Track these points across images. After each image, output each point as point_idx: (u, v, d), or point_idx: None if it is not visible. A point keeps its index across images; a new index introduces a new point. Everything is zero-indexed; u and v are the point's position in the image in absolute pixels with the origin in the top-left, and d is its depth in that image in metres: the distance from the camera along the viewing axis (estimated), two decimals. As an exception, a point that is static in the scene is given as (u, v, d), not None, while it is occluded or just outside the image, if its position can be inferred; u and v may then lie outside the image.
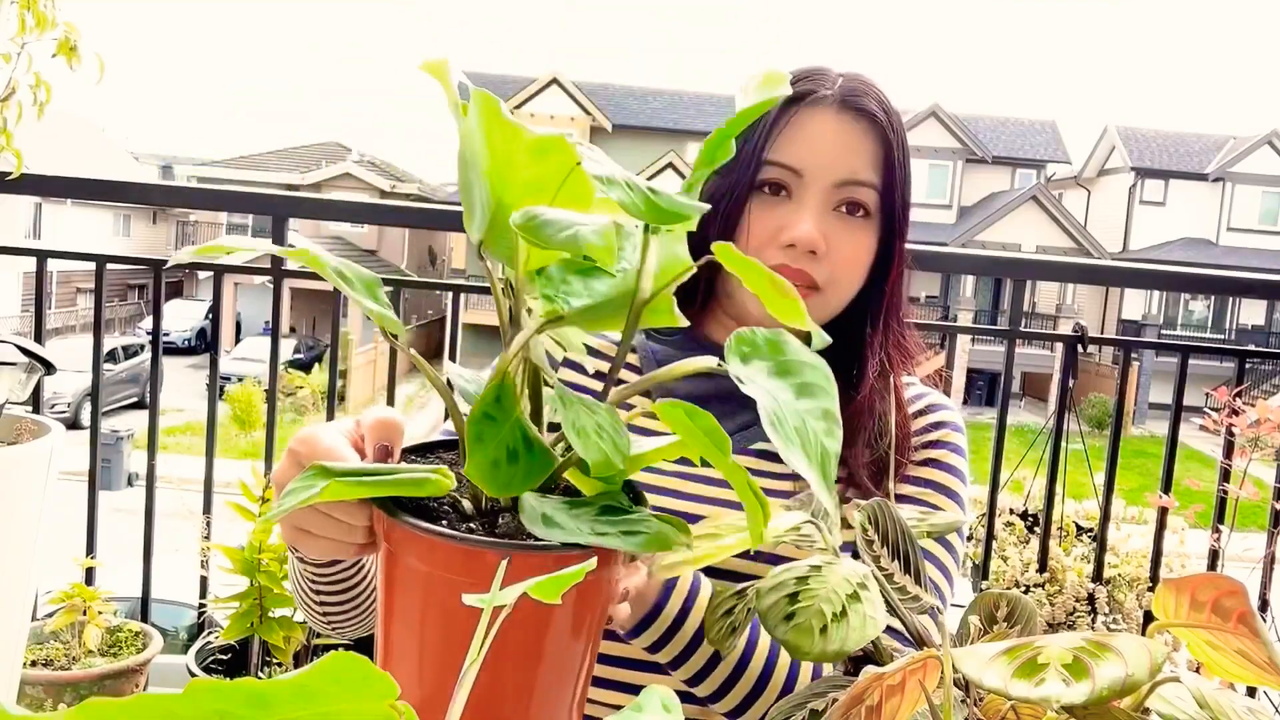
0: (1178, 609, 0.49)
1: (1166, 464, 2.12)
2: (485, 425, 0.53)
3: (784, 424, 0.49)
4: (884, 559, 0.64)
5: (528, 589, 0.41)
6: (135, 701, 0.29)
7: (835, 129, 0.97)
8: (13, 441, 0.72)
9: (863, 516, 0.65)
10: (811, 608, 0.57)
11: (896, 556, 0.65)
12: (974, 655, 0.47)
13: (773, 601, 0.58)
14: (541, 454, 0.55)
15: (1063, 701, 0.41)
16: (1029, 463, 2.67)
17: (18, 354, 0.75)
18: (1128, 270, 2.85)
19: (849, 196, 0.98)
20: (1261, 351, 2.41)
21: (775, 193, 0.98)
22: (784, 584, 0.59)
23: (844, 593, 0.58)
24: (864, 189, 0.98)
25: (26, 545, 0.68)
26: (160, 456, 2.03)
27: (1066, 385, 2.14)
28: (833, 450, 0.51)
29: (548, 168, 0.54)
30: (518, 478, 0.54)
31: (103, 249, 2.03)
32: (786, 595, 0.58)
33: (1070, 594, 2.25)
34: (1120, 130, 27.12)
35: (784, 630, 0.56)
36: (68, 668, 1.20)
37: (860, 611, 0.56)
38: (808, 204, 0.97)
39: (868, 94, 0.99)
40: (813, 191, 0.97)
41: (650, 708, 0.38)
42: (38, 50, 1.68)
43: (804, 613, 0.57)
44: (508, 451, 0.54)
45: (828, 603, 0.57)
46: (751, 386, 0.50)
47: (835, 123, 0.98)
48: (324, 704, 0.33)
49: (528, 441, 0.54)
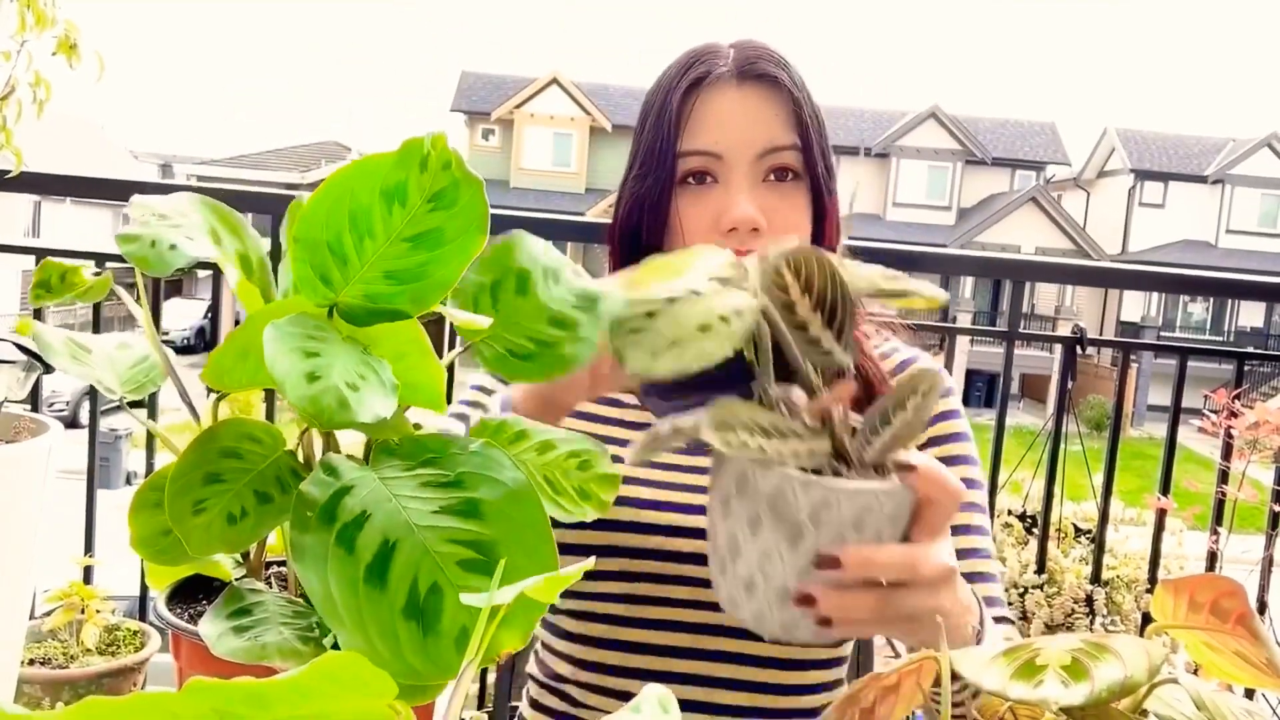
0: (1176, 610, 0.49)
1: (1165, 465, 2.12)
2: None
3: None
4: (801, 307, 0.60)
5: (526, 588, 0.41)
6: (133, 700, 0.29)
7: (741, 102, 0.95)
8: (11, 440, 0.72)
9: (780, 260, 0.59)
10: (660, 330, 0.55)
11: (821, 309, 0.60)
12: (972, 656, 0.47)
13: (629, 315, 0.56)
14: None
15: (1061, 703, 0.41)
16: (1028, 464, 2.67)
17: (16, 352, 0.75)
18: (1127, 272, 2.85)
19: (774, 164, 0.96)
20: (1260, 354, 2.42)
21: (700, 181, 0.96)
22: (652, 301, 0.57)
23: (695, 323, 0.55)
24: (786, 152, 0.96)
25: (24, 544, 0.68)
26: (159, 456, 2.03)
27: (1065, 387, 2.14)
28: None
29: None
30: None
31: (102, 247, 2.03)
32: (644, 313, 0.56)
33: (1068, 595, 2.26)
34: (1120, 132, 27.12)
35: (623, 341, 0.55)
36: (65, 666, 1.20)
37: (699, 343, 0.54)
38: (736, 183, 0.95)
39: (763, 57, 0.97)
40: (738, 170, 0.95)
41: (648, 709, 0.38)
42: (37, 48, 1.68)
43: (650, 332, 0.55)
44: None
45: (679, 329, 0.55)
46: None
47: (739, 95, 0.96)
48: (322, 703, 0.33)
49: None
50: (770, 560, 0.60)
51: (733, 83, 0.96)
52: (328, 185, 0.54)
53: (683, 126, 0.95)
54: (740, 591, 0.62)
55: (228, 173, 24.73)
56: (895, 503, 0.61)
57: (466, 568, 0.49)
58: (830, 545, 0.59)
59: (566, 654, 1.01)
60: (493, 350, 0.63)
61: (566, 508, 0.66)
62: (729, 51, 0.98)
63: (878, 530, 0.60)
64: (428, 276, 0.56)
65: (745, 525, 0.60)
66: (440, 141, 0.54)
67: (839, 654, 1.01)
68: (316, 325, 0.52)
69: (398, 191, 0.54)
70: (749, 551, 0.60)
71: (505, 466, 0.53)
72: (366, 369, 0.52)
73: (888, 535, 0.61)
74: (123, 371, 0.68)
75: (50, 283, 0.67)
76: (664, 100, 0.97)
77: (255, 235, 0.65)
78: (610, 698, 0.98)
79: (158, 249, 0.57)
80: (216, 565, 0.67)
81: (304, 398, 0.47)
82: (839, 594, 0.60)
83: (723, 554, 0.62)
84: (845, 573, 0.59)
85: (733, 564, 0.62)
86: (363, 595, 0.48)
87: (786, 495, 0.59)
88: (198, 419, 0.63)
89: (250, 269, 0.63)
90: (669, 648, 0.96)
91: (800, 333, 0.60)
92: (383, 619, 0.48)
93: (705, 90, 0.96)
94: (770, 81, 0.96)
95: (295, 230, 0.54)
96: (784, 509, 0.59)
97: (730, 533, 0.61)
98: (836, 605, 0.60)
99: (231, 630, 0.57)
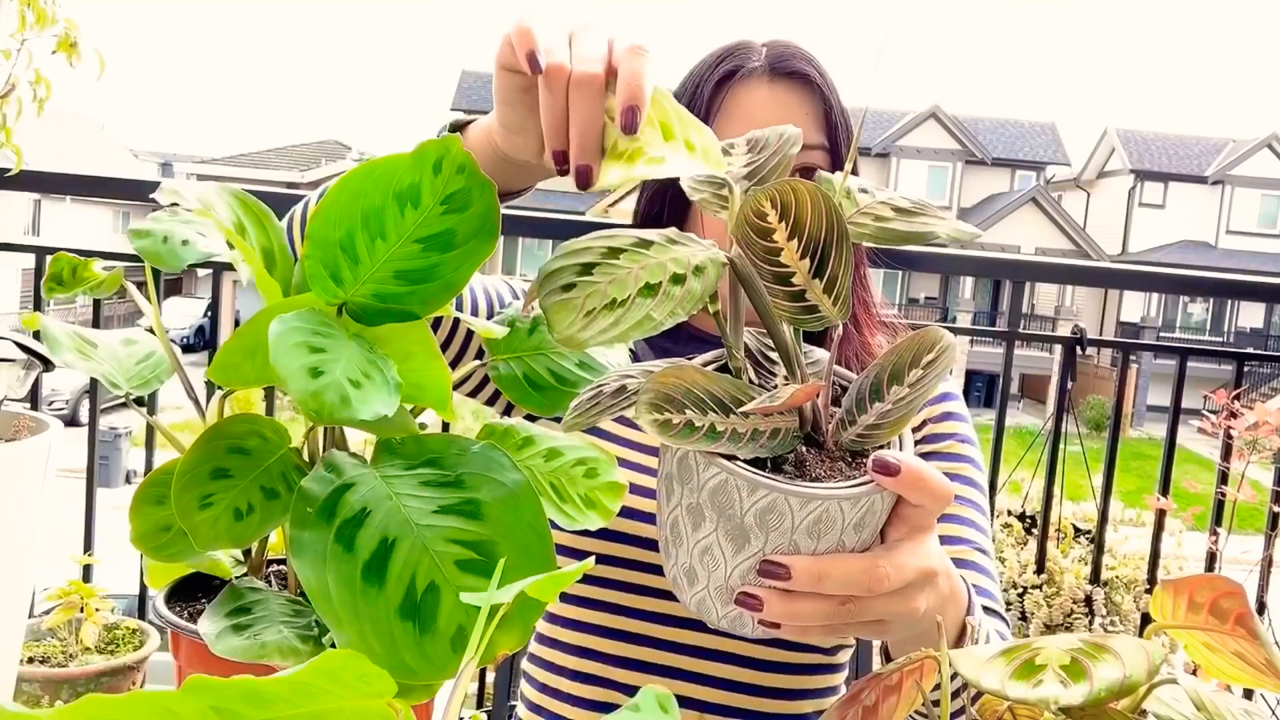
0: (1175, 610, 0.49)
1: (1164, 466, 2.12)
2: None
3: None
4: (787, 254, 0.50)
5: (525, 588, 0.41)
6: (132, 699, 0.29)
7: (772, 99, 0.95)
8: (10, 438, 0.72)
9: (765, 199, 0.48)
10: (596, 288, 0.48)
11: (810, 255, 0.50)
12: (971, 656, 0.47)
13: (561, 266, 0.49)
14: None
15: (1060, 703, 0.41)
16: (1027, 464, 2.67)
17: (16, 350, 0.75)
18: (1127, 272, 2.85)
19: (801, 162, 0.94)
20: (1260, 354, 2.42)
21: None
22: (590, 250, 0.49)
23: (637, 284, 0.48)
24: (814, 152, 0.95)
25: (24, 542, 0.68)
26: (158, 454, 2.03)
27: (1065, 387, 2.14)
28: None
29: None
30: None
31: (102, 246, 2.02)
32: (581, 265, 0.49)
33: (1068, 595, 2.26)
34: (1120, 132, 27.12)
35: (551, 299, 0.48)
36: (65, 665, 1.20)
37: (643, 308, 0.47)
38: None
39: (795, 56, 0.96)
40: None
41: (647, 708, 0.38)
42: (38, 47, 1.68)
43: (585, 288, 0.48)
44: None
45: (619, 288, 0.48)
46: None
47: (770, 92, 0.95)
48: (321, 701, 0.33)
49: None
50: (711, 555, 0.52)
51: (765, 79, 0.95)
52: (341, 184, 0.54)
53: (713, 119, 0.95)
54: (682, 578, 0.55)
55: (228, 171, 24.71)
56: (862, 510, 0.51)
57: (464, 568, 0.50)
58: (780, 552, 0.51)
59: (555, 650, 1.00)
60: (510, 371, 0.63)
61: (571, 515, 0.66)
62: (762, 49, 0.97)
63: (838, 539, 0.51)
64: (438, 278, 0.56)
65: (686, 514, 0.53)
66: (455, 145, 0.54)
67: (837, 660, 1.01)
68: (323, 322, 0.52)
69: (411, 193, 0.54)
70: (689, 542, 0.53)
71: (506, 468, 0.53)
72: (371, 367, 0.52)
73: (853, 542, 0.52)
74: (129, 367, 0.68)
75: (62, 276, 0.67)
76: (695, 91, 0.96)
77: (280, 227, 0.65)
78: (604, 687, 0.97)
79: (170, 244, 0.57)
80: (216, 563, 0.67)
81: (306, 393, 0.48)
82: (786, 601, 0.52)
83: (666, 535, 0.55)
84: (794, 585, 0.51)
85: (675, 549, 0.54)
86: (360, 593, 0.48)
87: (730, 494, 0.50)
88: (203, 415, 0.63)
89: (273, 262, 0.63)
90: (649, 637, 0.95)
91: (783, 286, 0.51)
92: (379, 617, 0.48)
93: (736, 84, 0.95)
94: (802, 80, 0.96)
95: (308, 227, 0.54)
96: (727, 509, 0.50)
97: (672, 517, 0.54)
98: (783, 612, 0.52)
99: (231, 629, 0.57)
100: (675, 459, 0.53)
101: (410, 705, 0.46)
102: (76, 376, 13.27)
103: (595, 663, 0.98)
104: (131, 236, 0.58)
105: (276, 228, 0.64)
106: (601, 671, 0.97)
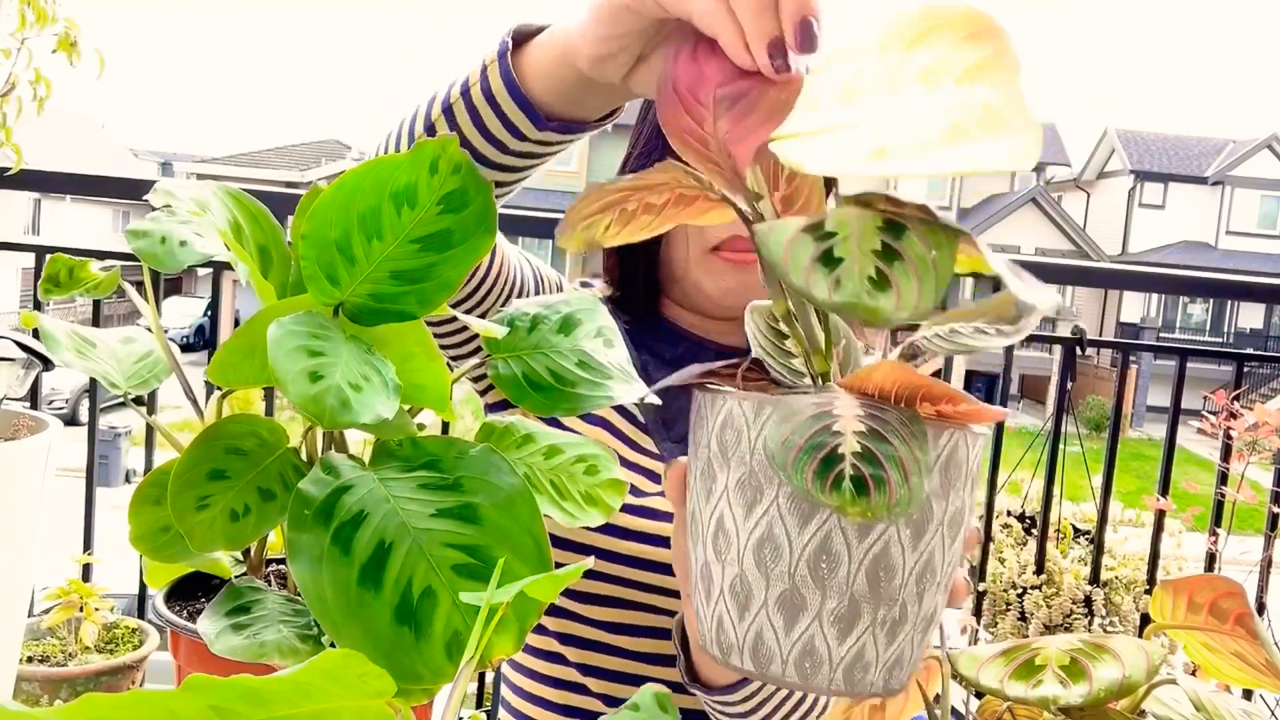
0: (1175, 610, 0.49)
1: (1164, 466, 2.12)
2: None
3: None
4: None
5: (523, 587, 0.41)
6: (131, 698, 0.29)
7: None
8: (10, 437, 0.72)
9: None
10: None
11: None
12: (972, 656, 0.47)
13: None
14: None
15: (1060, 703, 0.41)
16: (1027, 465, 2.67)
17: (15, 349, 0.75)
18: (1126, 273, 2.85)
19: None
20: (1260, 355, 2.43)
21: None
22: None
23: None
24: None
25: (23, 541, 0.68)
26: (158, 454, 2.03)
27: (1065, 387, 2.14)
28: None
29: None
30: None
31: (101, 245, 2.02)
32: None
33: (1067, 596, 2.26)
34: (1120, 133, 27.12)
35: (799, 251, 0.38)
36: (64, 664, 1.20)
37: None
38: None
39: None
40: None
41: (646, 707, 0.38)
42: (38, 46, 1.68)
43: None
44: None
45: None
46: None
47: None
48: (321, 700, 0.32)
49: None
50: (773, 539, 0.44)
51: None
52: (338, 185, 0.54)
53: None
54: (730, 608, 0.46)
55: (228, 170, 24.71)
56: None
57: (460, 572, 0.49)
58: None
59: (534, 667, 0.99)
60: (510, 370, 0.63)
61: (572, 513, 0.66)
62: None
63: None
64: (435, 278, 0.56)
65: (734, 499, 0.45)
66: (452, 145, 0.54)
67: None
68: (321, 324, 0.52)
69: (408, 193, 0.54)
70: (740, 543, 0.45)
71: (504, 471, 0.53)
72: (370, 369, 0.52)
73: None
74: (127, 366, 0.68)
75: (59, 277, 0.67)
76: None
77: (278, 226, 0.65)
78: (613, 682, 0.96)
79: (168, 245, 0.57)
80: (215, 563, 0.67)
81: (306, 397, 0.47)
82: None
83: (708, 558, 0.47)
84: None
85: (720, 566, 0.46)
86: (355, 596, 0.47)
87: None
88: (202, 415, 0.63)
89: (270, 261, 0.63)
90: (636, 627, 0.95)
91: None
92: (374, 621, 0.47)
93: None
94: None
95: (304, 228, 0.54)
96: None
97: (713, 525, 0.47)
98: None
99: (230, 628, 0.57)
100: (700, 442, 0.48)
101: (410, 705, 0.46)
102: (76, 376, 13.30)
103: (570, 671, 0.97)
104: (129, 237, 0.58)
105: (274, 226, 0.64)
106: (579, 692, 0.96)
